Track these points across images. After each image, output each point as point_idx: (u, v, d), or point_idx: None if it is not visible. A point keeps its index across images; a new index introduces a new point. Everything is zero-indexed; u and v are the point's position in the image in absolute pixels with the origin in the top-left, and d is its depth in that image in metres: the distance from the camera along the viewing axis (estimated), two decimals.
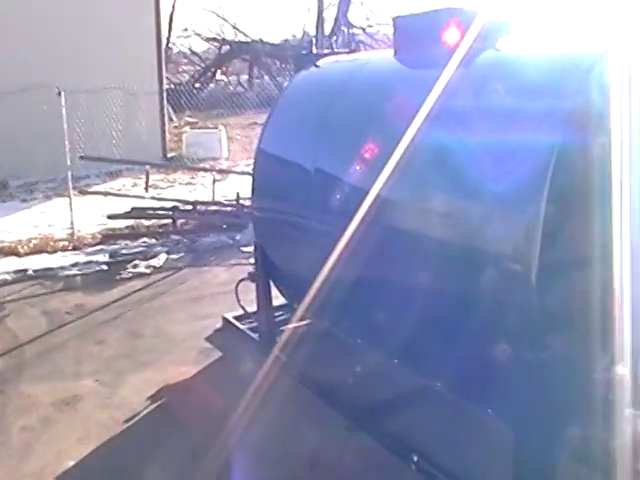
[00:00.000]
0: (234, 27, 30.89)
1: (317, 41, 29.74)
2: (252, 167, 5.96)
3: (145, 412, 4.89)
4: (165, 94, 17.03)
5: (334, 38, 29.95)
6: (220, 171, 13.30)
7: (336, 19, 30.27)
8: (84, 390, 5.22)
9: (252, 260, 8.52)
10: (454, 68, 3.70)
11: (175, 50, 32.35)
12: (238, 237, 9.42)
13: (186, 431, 4.62)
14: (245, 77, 32.34)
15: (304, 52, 5.82)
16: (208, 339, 6.16)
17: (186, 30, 31.02)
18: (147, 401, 5.02)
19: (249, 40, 30.39)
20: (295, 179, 5.10)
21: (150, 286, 7.68)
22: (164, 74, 17.18)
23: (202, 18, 42.97)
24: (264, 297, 5.77)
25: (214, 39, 31.26)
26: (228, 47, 30.60)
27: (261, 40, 29.82)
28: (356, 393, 4.89)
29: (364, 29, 32.37)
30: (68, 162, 9.82)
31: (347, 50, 6.10)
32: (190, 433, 4.59)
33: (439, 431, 4.37)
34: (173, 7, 23.25)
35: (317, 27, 29.66)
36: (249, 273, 6.22)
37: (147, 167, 10.70)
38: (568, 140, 3.20)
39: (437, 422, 4.47)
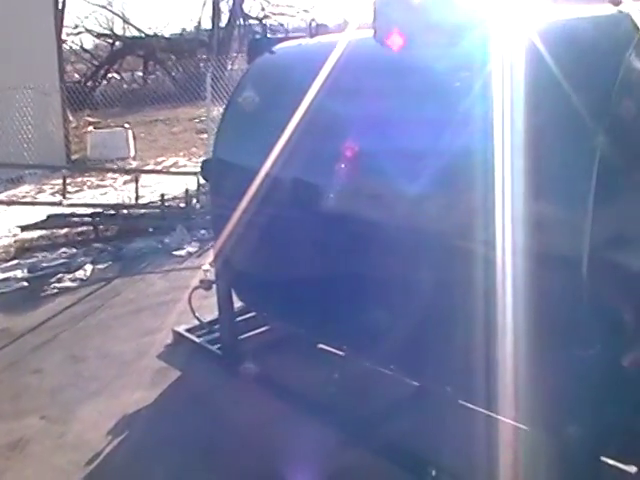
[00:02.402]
0: (126, 22, 29.63)
1: (214, 33, 29.08)
2: (202, 166, 5.32)
3: (108, 450, 4.25)
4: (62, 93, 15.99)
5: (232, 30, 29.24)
6: (147, 171, 12.52)
7: (232, 11, 29.50)
8: (30, 430, 4.51)
9: (186, 265, 8.07)
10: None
11: (66, 48, 30.69)
12: (167, 240, 8.74)
13: (160, 470, 4.03)
14: (139, 74, 31.18)
15: (257, 37, 5.21)
16: (161, 357, 5.52)
17: (76, 27, 29.46)
18: (107, 437, 4.37)
19: (143, 35, 29.21)
20: (262, 179, 4.57)
21: (81, 301, 6.92)
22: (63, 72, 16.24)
23: (93, 14, 40.92)
24: (226, 305, 5.21)
25: (106, 35, 29.87)
26: (121, 43, 29.31)
27: (155, 35, 28.74)
28: (346, 402, 4.43)
29: (260, 20, 31.79)
30: None
31: (282, 36, 5.38)
32: (167, 472, 4.01)
33: (450, 437, 3.96)
34: (63, 3, 21.87)
35: (213, 19, 28.82)
36: (201, 281, 5.63)
37: (64, 171, 9.81)
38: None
39: (445, 428, 4.05)
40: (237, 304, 5.43)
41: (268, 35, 5.15)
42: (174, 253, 8.36)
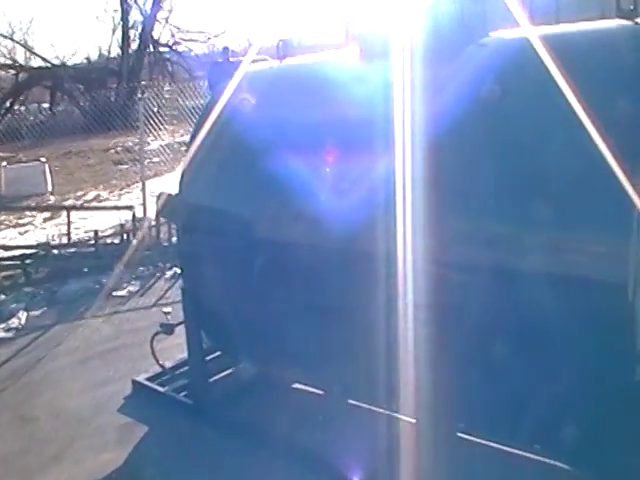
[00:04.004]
0: (30, 51, 28.52)
1: (124, 61, 28.39)
2: (163, 203, 4.91)
3: None
4: None
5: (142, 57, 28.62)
6: (80, 208, 11.90)
7: (141, 38, 28.89)
8: None
9: (130, 306, 7.55)
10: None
11: None
12: (105, 280, 8.18)
13: None
14: (46, 105, 30.00)
15: (220, 60, 4.85)
16: (122, 411, 5.05)
17: None
18: None
19: (49, 65, 28.17)
20: (239, 219, 4.26)
21: (20, 353, 6.32)
22: None
23: None
24: (196, 350, 4.80)
25: (8, 66, 28.62)
26: (26, 74, 28.17)
27: (63, 64, 27.75)
28: (346, 450, 4.10)
29: (170, 47, 31.32)
30: None
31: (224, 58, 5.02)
32: None
33: None
34: None
35: (123, 47, 28.13)
36: (162, 325, 5.20)
37: None
38: None
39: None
40: None
41: (230, 58, 4.78)
42: (114, 294, 7.84)
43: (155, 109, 13.46)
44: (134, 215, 9.16)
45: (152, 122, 12.53)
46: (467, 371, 3.38)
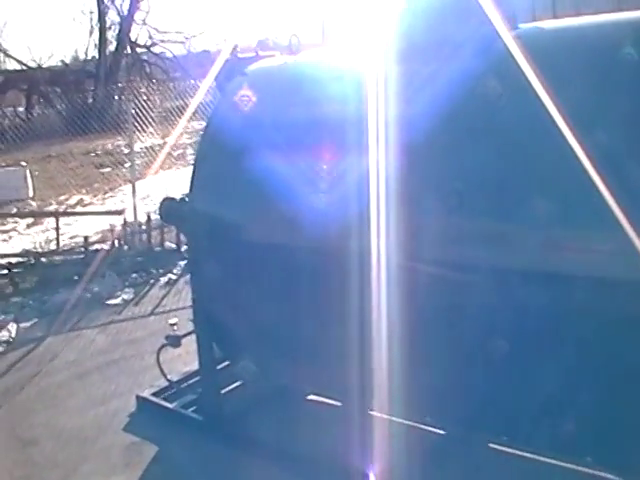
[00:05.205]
0: (6, 54, 27.95)
1: (101, 63, 27.92)
2: (167, 208, 4.59)
3: None
4: None
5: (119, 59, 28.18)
6: (70, 214, 11.52)
7: (119, 39, 28.43)
8: None
9: (126, 315, 7.22)
10: None
11: None
12: (97, 289, 7.84)
13: None
14: (21, 109, 29.41)
15: (229, 57, 4.50)
16: (128, 429, 4.75)
17: None
18: None
19: (25, 68, 27.62)
20: (253, 220, 4.00)
21: (13, 369, 5.98)
22: None
23: None
24: (208, 363, 4.50)
25: None
26: (1, 77, 27.61)
27: (39, 67, 27.21)
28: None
29: (148, 48, 30.88)
30: None
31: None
32: None
33: None
34: None
35: (100, 48, 27.66)
36: (168, 337, 4.91)
37: None
38: None
39: None
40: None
41: (239, 54, 4.47)
42: (108, 302, 7.53)
43: (133, 111, 13.12)
44: (125, 220, 8.82)
45: (134, 125, 12.17)
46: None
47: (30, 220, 12.31)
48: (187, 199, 4.47)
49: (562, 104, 3.03)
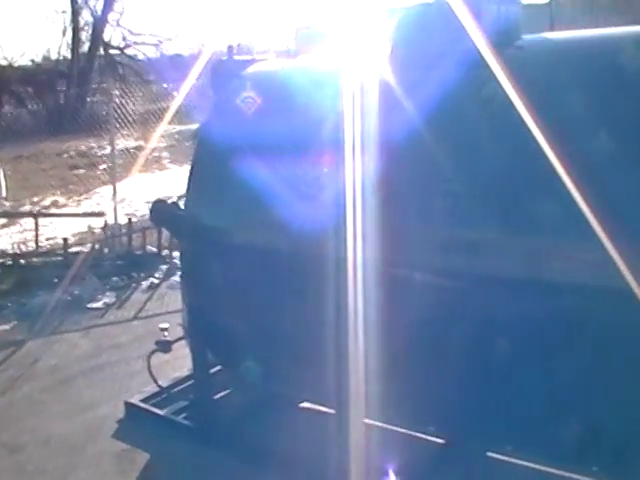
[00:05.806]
0: None
1: (74, 63, 27.55)
2: (158, 211, 4.52)
3: None
4: None
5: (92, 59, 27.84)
6: (56, 215, 11.27)
7: (92, 40, 28.08)
8: None
9: (109, 319, 7.11)
10: None
11: None
12: (77, 292, 7.71)
13: None
14: None
15: (224, 59, 4.44)
16: (117, 436, 4.66)
17: None
18: None
19: None
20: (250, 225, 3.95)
21: None
22: None
23: None
24: (202, 369, 4.44)
25: None
26: None
27: (10, 65, 26.79)
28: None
29: (122, 50, 30.56)
30: None
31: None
32: None
33: None
34: None
35: (73, 49, 27.32)
36: (158, 342, 4.84)
37: None
38: None
39: None
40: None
41: (235, 56, 4.41)
42: (89, 306, 7.40)
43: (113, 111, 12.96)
44: (106, 222, 8.70)
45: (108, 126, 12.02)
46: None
47: (3, 221, 12.09)
48: (183, 203, 4.41)
49: (550, 115, 3.05)
